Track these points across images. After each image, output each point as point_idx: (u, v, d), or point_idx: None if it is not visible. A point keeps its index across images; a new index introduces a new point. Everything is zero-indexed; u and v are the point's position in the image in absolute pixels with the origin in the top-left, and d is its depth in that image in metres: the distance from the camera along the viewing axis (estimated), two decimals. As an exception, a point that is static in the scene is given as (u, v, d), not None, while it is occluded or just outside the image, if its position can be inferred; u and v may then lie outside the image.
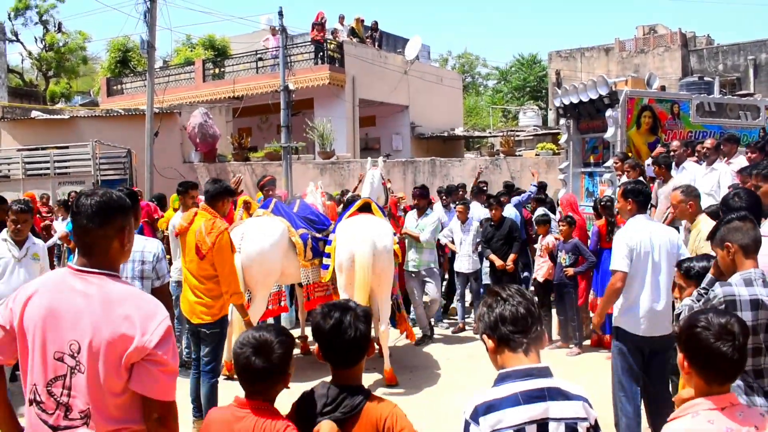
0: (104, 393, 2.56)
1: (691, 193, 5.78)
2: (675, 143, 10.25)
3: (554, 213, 11.18)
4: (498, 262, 9.83)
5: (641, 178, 8.54)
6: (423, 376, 8.09)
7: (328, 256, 7.91)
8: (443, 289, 11.07)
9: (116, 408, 2.59)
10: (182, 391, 6.48)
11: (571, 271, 8.92)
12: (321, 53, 23.10)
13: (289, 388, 2.81)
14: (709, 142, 9.41)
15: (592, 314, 9.34)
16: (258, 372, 2.71)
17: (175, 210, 9.30)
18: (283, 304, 9.17)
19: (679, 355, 2.68)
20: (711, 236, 3.97)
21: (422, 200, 9.79)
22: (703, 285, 4.07)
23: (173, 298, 7.36)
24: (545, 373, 2.48)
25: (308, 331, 9.52)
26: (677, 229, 7.59)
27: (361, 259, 7.41)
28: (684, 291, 4.36)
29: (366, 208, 8.28)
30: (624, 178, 9.72)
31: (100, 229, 2.67)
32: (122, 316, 2.54)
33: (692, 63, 33.84)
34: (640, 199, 5.61)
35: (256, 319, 7.49)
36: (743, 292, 3.57)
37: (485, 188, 12.64)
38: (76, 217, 2.68)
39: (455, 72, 39.91)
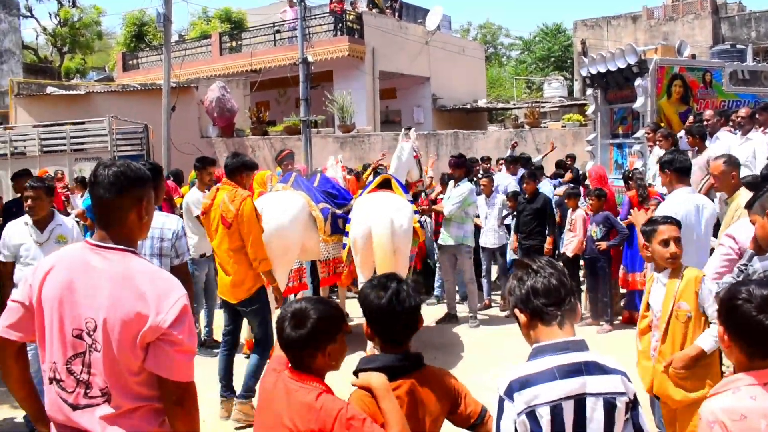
0: (121, 371, 2.55)
1: (733, 163, 5.63)
2: (708, 112, 10.10)
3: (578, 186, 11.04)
4: (514, 244, 9.82)
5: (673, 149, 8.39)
6: (450, 355, 8.05)
7: (348, 234, 7.87)
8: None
9: (136, 385, 2.57)
10: (208, 370, 6.52)
11: (604, 244, 8.78)
12: (340, 24, 22.92)
13: (336, 367, 2.73)
14: (743, 111, 9.22)
15: (622, 290, 9.26)
16: (289, 341, 2.65)
17: (190, 187, 9.28)
18: (303, 281, 9.14)
19: (719, 328, 2.59)
20: (750, 204, 3.87)
21: (457, 170, 9.31)
22: (742, 261, 3.98)
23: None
24: (581, 346, 2.43)
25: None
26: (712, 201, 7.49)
27: (379, 238, 7.33)
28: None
29: (386, 185, 8.18)
30: (656, 149, 9.58)
31: (117, 200, 2.65)
32: (137, 294, 2.52)
33: (723, 30, 33.22)
34: (675, 168, 5.49)
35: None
36: None
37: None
38: (93, 188, 2.67)
39: (477, 42, 39.52)
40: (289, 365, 2.70)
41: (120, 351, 2.52)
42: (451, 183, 9.49)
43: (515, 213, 9.94)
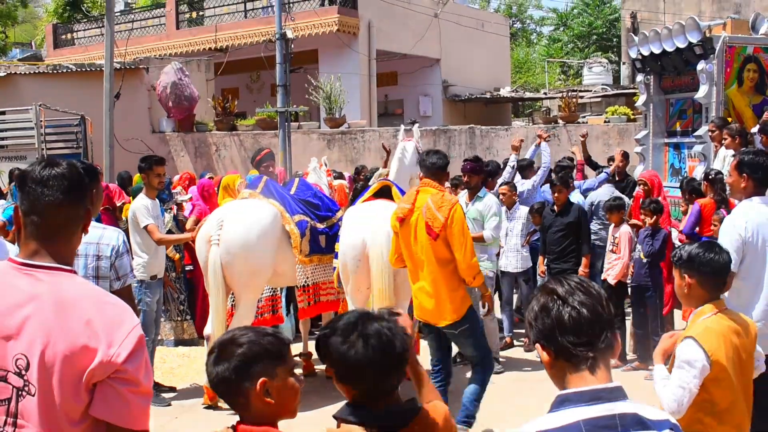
0: (60, 421, 2.53)
1: None
2: (787, 105, 10.17)
3: (631, 197, 11.09)
4: (541, 268, 9.75)
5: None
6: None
7: (337, 255, 7.86)
8: None
9: None
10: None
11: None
12: (327, -9, 23.09)
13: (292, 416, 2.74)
14: None
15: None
16: (217, 379, 2.65)
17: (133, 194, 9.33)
18: (278, 312, 9.15)
19: None
20: None
21: (474, 177, 8.97)
22: None
23: (137, 302, 7.38)
24: (618, 395, 2.41)
25: (312, 345, 9.57)
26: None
27: (378, 259, 7.27)
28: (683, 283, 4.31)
29: (385, 192, 8.14)
30: (722, 151, 9.64)
31: (73, 208, 2.69)
32: (82, 323, 2.52)
33: (811, 1, 33.39)
34: (758, 175, 5.47)
35: None
36: None
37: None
38: (42, 191, 2.65)
39: (500, 15, 39.69)
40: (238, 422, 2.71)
41: (61, 393, 2.51)
42: (464, 194, 9.34)
43: (543, 228, 9.91)
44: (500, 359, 9.45)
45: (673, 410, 3.97)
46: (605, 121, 21.05)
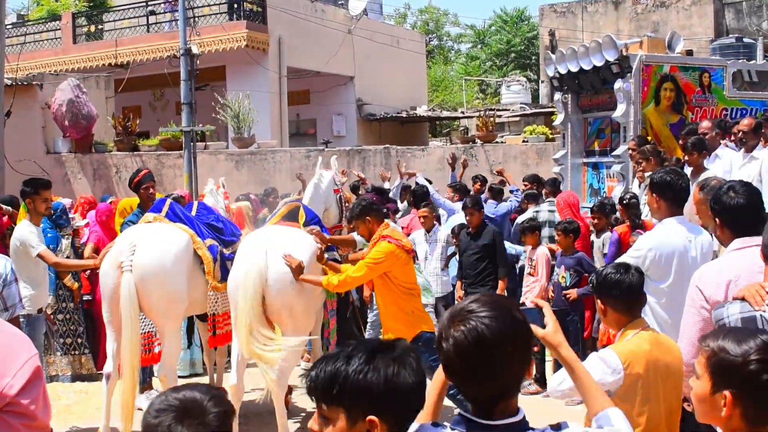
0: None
1: (714, 188, 5.82)
2: (705, 124, 10.32)
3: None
4: (459, 293, 9.72)
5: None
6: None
7: None
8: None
9: None
10: None
11: (574, 293, 8.85)
12: (236, 5, 23.02)
13: None
14: (746, 123, 9.40)
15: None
16: None
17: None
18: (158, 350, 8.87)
19: (715, 393, 2.65)
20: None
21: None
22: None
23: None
24: (518, 429, 2.47)
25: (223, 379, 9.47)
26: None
27: (243, 288, 7.07)
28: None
29: (293, 216, 8.07)
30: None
31: None
32: None
33: (728, 20, 34.45)
34: (667, 195, 5.55)
35: (171, 367, 7.46)
36: None
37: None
38: None
39: (417, 32, 40.08)
40: None
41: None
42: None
43: (459, 252, 9.99)
44: None
45: (553, 388, 4.12)
46: (523, 141, 21.34)
